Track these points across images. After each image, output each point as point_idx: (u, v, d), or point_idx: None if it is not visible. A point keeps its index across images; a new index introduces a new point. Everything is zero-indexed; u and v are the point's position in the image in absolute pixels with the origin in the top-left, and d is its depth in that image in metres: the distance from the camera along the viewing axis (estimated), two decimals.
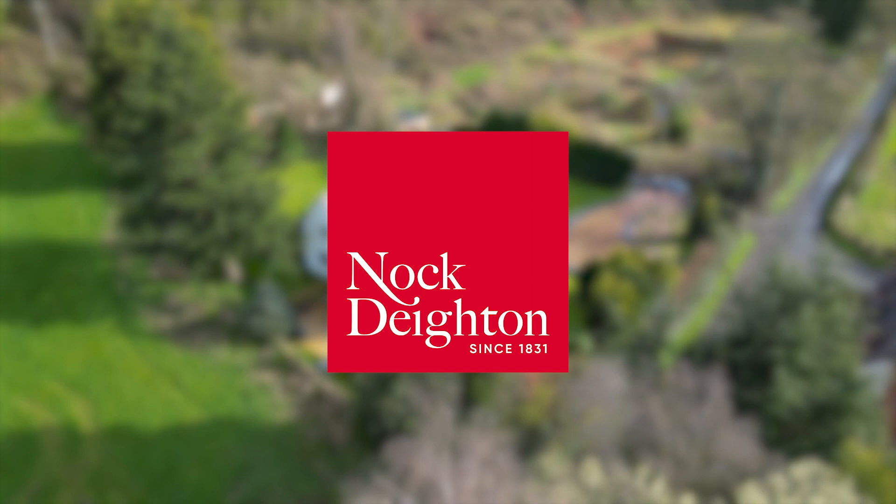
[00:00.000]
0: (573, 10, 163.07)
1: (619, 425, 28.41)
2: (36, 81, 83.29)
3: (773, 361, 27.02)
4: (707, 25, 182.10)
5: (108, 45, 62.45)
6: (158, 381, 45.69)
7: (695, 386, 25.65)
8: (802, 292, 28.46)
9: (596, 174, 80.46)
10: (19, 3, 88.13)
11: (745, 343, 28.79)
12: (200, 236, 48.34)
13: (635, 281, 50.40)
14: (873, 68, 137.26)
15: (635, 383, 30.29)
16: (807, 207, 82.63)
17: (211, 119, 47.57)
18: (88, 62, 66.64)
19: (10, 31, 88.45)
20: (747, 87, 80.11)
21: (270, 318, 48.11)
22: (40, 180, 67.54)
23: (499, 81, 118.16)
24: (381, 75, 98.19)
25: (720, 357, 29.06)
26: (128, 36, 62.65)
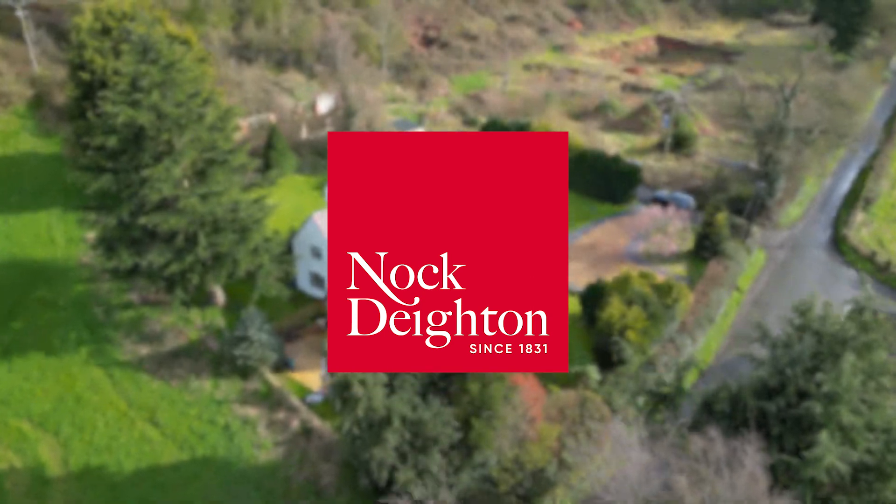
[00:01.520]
0: (573, 15, 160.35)
1: (638, 497, 25.43)
2: (18, 91, 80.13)
3: (811, 417, 24.03)
4: (709, 30, 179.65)
5: (87, 54, 59.46)
6: (134, 418, 42.54)
7: (725, 453, 22.74)
8: (841, 339, 25.53)
9: (599, 187, 77.47)
10: (1, 10, 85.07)
11: (775, 393, 25.80)
12: (181, 260, 45.23)
13: (645, 307, 47.35)
14: (878, 74, 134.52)
15: (655, 445, 27.27)
16: (818, 221, 79.75)
17: (192, 135, 44.53)
18: (68, 72, 63.67)
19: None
20: (757, 96, 77.28)
21: (255, 348, 45.01)
22: (18, 196, 64.46)
23: (498, 89, 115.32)
24: (377, 83, 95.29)
25: (748, 408, 26.10)
26: (108, 45, 59.68)
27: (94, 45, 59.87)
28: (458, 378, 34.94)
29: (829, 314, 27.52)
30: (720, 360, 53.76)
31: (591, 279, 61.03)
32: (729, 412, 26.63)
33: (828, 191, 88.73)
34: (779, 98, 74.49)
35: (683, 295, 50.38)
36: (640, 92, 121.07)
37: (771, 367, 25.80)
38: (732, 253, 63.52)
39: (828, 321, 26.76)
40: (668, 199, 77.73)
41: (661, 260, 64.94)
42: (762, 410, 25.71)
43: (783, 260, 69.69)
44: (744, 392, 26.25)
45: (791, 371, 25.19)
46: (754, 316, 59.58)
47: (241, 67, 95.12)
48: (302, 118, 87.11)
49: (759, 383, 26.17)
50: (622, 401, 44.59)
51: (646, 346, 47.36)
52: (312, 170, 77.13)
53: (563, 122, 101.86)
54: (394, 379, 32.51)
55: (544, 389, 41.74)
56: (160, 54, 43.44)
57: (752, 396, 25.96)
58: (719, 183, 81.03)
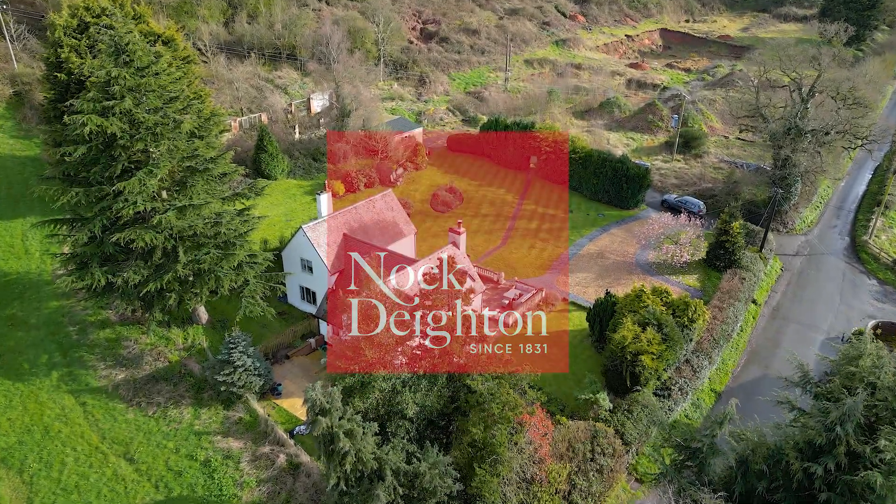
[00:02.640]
0: (575, 8, 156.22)
1: None
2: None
3: (868, 487, 20.73)
4: (714, 23, 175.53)
5: (63, 53, 55.75)
6: (107, 453, 39.14)
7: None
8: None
9: (607, 191, 73.96)
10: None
11: (823, 452, 22.47)
12: (158, 278, 41.75)
13: (659, 328, 43.90)
14: (891, 69, 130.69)
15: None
16: (834, 225, 76.24)
17: (170, 144, 40.93)
18: (44, 72, 59.99)
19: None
20: (772, 95, 73.53)
21: (239, 374, 41.58)
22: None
23: (499, 85, 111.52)
24: (373, 81, 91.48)
25: (790, 468, 22.76)
26: (86, 44, 55.96)
27: (71, 44, 56.16)
28: (459, 417, 31.54)
29: (884, 362, 24.07)
30: (738, 380, 50.43)
31: (598, 290, 57.73)
32: (767, 471, 23.32)
33: (843, 193, 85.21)
34: (795, 97, 70.87)
35: (700, 313, 46.92)
36: (645, 88, 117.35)
37: (818, 423, 22.48)
38: (748, 263, 60.03)
39: (883, 370, 23.40)
40: (678, 203, 74.22)
41: (673, 270, 61.47)
42: (807, 471, 22.41)
43: (800, 269, 66.23)
44: (785, 449, 22.94)
45: (842, 429, 21.89)
46: (772, 331, 56.27)
47: (233, 64, 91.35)
48: (295, 118, 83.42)
49: (802, 439, 22.85)
50: (636, 432, 41.26)
51: (661, 371, 43.97)
52: (305, 173, 73.58)
53: (566, 121, 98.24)
54: (387, 424, 29.12)
55: (552, 423, 38.33)
56: (133, 56, 39.79)
57: (795, 455, 22.66)
58: (731, 186, 77.52)
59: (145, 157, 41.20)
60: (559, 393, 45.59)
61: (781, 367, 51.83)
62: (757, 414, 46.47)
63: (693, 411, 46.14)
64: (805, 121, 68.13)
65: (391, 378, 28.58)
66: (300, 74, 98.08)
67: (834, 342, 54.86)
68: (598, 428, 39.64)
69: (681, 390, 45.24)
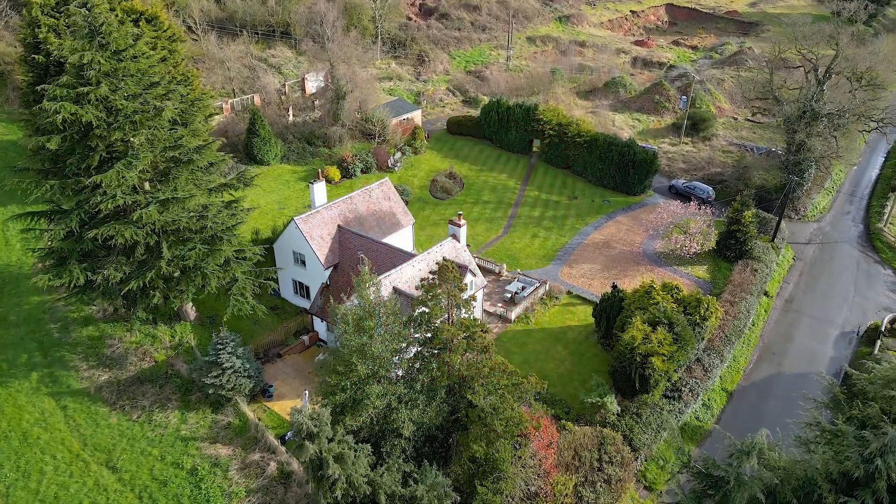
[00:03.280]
0: None
1: None
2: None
3: None
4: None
5: (41, 33, 52.77)
6: (88, 460, 37.15)
7: None
8: None
9: (612, 177, 71.28)
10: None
11: (860, 485, 20.37)
12: (141, 275, 39.41)
13: (670, 328, 41.65)
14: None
15: None
16: (847, 212, 73.68)
17: (150, 132, 38.27)
18: (21, 53, 56.99)
19: None
20: (787, 76, 70.43)
21: (228, 376, 39.45)
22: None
23: (501, 64, 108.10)
24: (370, 60, 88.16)
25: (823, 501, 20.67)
26: (65, 23, 52.92)
27: (49, 23, 53.14)
28: (459, 431, 29.39)
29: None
30: (750, 378, 48.33)
31: (604, 283, 55.48)
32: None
33: (855, 177, 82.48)
34: (811, 79, 67.83)
35: (713, 311, 44.63)
36: (651, 67, 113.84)
37: (855, 453, 20.35)
38: (760, 254, 57.66)
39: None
40: (686, 189, 71.59)
41: (681, 261, 59.09)
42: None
43: (812, 258, 63.84)
44: (818, 480, 20.85)
45: (882, 462, 19.77)
46: (785, 325, 54.08)
47: (224, 43, 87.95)
48: (289, 99, 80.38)
49: (836, 470, 20.73)
50: (645, 437, 39.26)
51: (671, 372, 41.84)
52: (300, 158, 70.81)
53: (570, 101, 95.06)
54: (381, 443, 26.96)
55: (557, 430, 36.27)
56: (109, 38, 36.95)
57: (829, 488, 20.58)
58: (741, 171, 74.76)
59: (124, 148, 38.60)
60: (564, 394, 43.53)
61: (795, 364, 49.81)
62: (771, 415, 44.60)
63: (704, 413, 44.11)
64: (821, 104, 65.18)
65: (386, 394, 26.37)
66: (295, 53, 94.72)
67: (849, 336, 52.83)
68: (605, 434, 37.59)
69: (691, 391, 43.17)
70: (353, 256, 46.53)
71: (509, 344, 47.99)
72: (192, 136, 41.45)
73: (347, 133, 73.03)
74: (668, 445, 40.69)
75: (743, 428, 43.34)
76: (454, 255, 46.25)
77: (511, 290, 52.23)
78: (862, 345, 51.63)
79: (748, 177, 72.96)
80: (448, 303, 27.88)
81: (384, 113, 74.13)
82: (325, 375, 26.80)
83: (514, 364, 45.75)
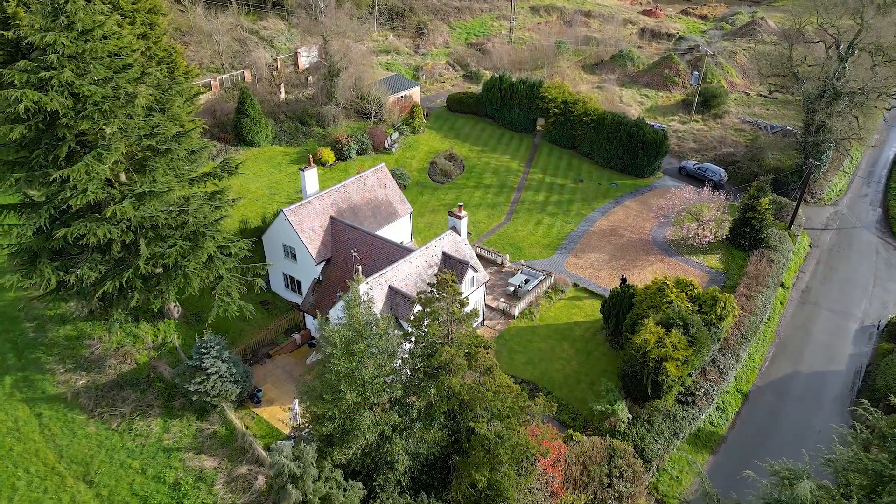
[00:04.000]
0: None
1: None
2: None
3: None
4: None
5: (10, 7, 49.06)
6: (64, 474, 34.81)
7: None
8: None
9: (620, 158, 68.00)
10: None
11: None
12: (118, 275, 36.60)
13: (685, 329, 38.97)
14: None
15: None
16: (864, 194, 70.54)
17: (123, 121, 35.07)
18: None
19: None
20: (806, 53, 66.62)
21: (213, 382, 36.92)
22: None
23: (504, 36, 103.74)
24: (366, 33, 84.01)
25: None
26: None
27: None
28: (460, 457, 26.87)
29: None
30: (766, 377, 45.86)
31: (612, 274, 52.75)
32: None
33: (872, 157, 79.09)
34: (832, 54, 64.08)
35: (730, 309, 41.91)
36: (660, 38, 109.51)
37: None
38: (777, 242, 54.77)
39: None
40: (697, 171, 68.40)
41: (693, 250, 56.21)
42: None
43: (829, 245, 60.97)
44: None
45: None
46: (801, 318, 51.47)
47: (213, 14, 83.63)
48: (281, 75, 76.59)
49: None
50: (657, 447, 36.91)
51: (685, 377, 39.33)
52: (292, 139, 67.41)
53: (576, 76, 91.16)
54: (374, 475, 24.43)
55: (564, 443, 33.84)
56: (75, 17, 33.53)
57: None
58: (754, 151, 71.48)
59: (96, 137, 35.43)
60: (571, 397, 41.10)
61: (813, 361, 47.31)
62: (789, 419, 42.22)
63: (718, 417, 41.71)
64: (842, 82, 61.59)
65: (379, 424, 23.75)
66: (287, 25, 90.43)
67: (869, 331, 50.28)
68: (615, 446, 35.20)
69: (706, 395, 40.72)
70: (347, 250, 43.70)
71: (513, 342, 45.43)
72: (171, 123, 38.23)
73: (342, 112, 69.53)
74: (682, 454, 38.40)
75: (760, 433, 41.05)
76: (454, 249, 43.41)
77: (514, 283, 49.50)
78: (883, 340, 49.09)
79: (762, 158, 69.73)
80: (447, 318, 25.15)
81: (381, 90, 70.50)
82: (311, 403, 24.18)
83: (518, 364, 43.38)
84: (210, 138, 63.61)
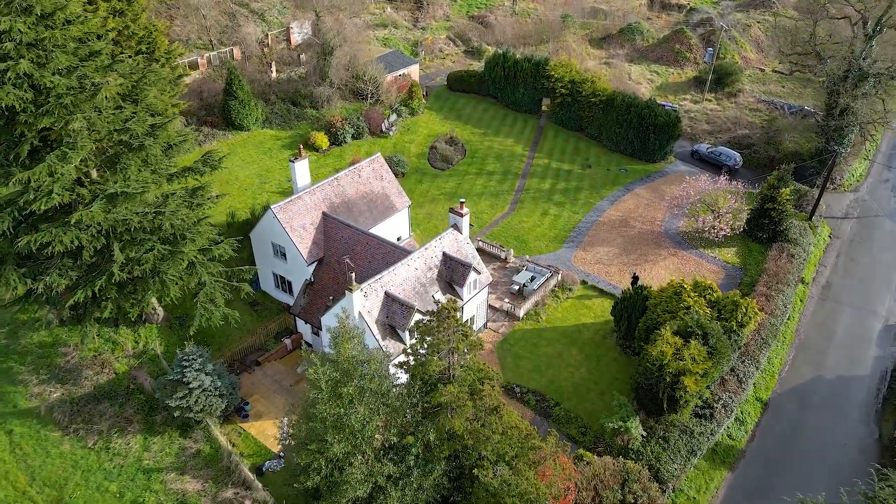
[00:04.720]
0: None
1: None
2: None
3: None
4: None
5: None
6: (36, 498, 32.38)
7: None
8: None
9: (630, 142, 64.48)
10: None
11: None
12: (89, 283, 33.68)
13: (705, 339, 36.14)
14: None
15: None
16: (885, 179, 67.15)
17: (89, 115, 31.74)
18: None
19: None
20: (831, 31, 62.57)
21: (196, 396, 34.28)
22: None
23: (507, 8, 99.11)
24: (362, 8, 79.63)
25: None
26: None
27: None
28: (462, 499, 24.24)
29: None
30: (786, 383, 43.17)
31: (622, 270, 49.82)
32: None
33: (892, 140, 75.41)
34: (858, 32, 60.06)
35: (752, 314, 39.05)
36: (670, 10, 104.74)
37: None
38: (797, 235, 51.69)
39: None
40: (711, 155, 64.93)
41: (708, 243, 53.15)
42: None
43: (850, 235, 57.85)
44: None
45: None
46: (822, 316, 48.64)
47: None
48: (272, 52, 72.57)
49: None
50: (673, 467, 34.38)
51: (703, 390, 36.66)
52: (283, 122, 63.78)
53: (582, 51, 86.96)
54: None
55: (575, 469, 31.25)
56: (33, 0, 29.98)
57: None
58: (771, 134, 67.83)
59: (60, 134, 32.14)
60: (580, 409, 38.49)
61: (835, 366, 44.62)
62: (812, 430, 39.63)
63: (737, 429, 39.12)
64: (868, 62, 57.79)
65: (371, 475, 21.04)
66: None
67: (893, 331, 47.53)
68: (629, 469, 32.68)
69: (725, 407, 38.04)
70: (341, 250, 40.69)
71: (518, 347, 42.70)
72: (146, 114, 34.85)
73: (336, 93, 65.78)
74: (699, 473, 35.93)
75: (781, 446, 38.55)
76: (455, 249, 40.39)
77: (519, 281, 46.57)
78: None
79: (779, 141, 66.16)
80: (448, 350, 22.32)
81: (377, 69, 66.62)
82: (294, 455, 21.46)
83: (524, 372, 40.73)
84: (197, 122, 60.06)
